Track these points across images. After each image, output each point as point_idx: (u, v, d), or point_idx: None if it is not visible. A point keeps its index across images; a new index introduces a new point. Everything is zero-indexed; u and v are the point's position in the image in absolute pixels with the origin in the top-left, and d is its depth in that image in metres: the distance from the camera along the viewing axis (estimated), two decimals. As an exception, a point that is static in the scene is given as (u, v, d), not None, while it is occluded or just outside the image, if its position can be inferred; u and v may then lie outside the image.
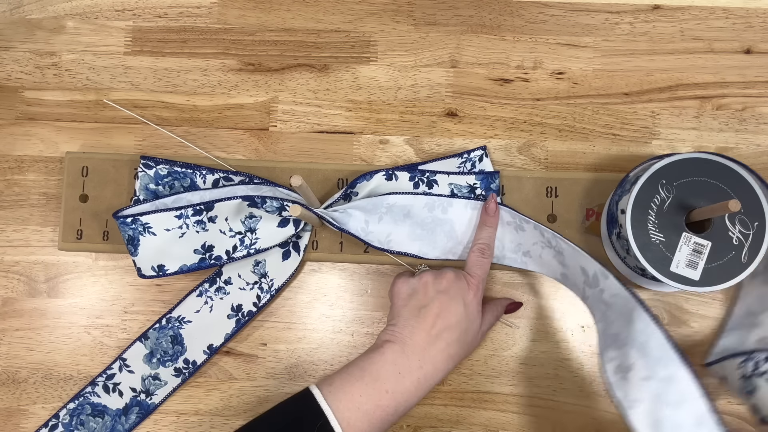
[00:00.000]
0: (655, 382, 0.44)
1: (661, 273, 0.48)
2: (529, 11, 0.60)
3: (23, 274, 0.58)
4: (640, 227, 0.48)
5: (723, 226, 0.48)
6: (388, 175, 0.56)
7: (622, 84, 0.59)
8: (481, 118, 0.59)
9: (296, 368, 0.57)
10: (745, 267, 0.47)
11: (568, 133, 0.59)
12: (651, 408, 0.44)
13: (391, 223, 0.55)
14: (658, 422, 0.44)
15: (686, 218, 0.48)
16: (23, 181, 0.60)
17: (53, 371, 0.57)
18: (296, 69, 0.60)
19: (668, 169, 0.49)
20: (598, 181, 0.57)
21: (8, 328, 0.58)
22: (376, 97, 0.60)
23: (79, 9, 0.61)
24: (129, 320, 0.58)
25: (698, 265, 0.48)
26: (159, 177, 0.57)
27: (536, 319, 0.57)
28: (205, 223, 0.54)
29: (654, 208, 0.48)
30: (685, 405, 0.44)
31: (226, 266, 0.57)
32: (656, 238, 0.48)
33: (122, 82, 0.60)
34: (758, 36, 0.59)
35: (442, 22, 0.60)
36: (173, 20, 0.61)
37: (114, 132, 0.60)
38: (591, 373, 0.56)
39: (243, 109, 0.60)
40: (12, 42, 0.61)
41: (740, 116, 0.58)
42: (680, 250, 0.48)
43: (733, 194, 0.48)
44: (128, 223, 0.53)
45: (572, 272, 0.52)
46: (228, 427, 0.56)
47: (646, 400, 0.44)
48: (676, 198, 0.48)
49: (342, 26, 0.61)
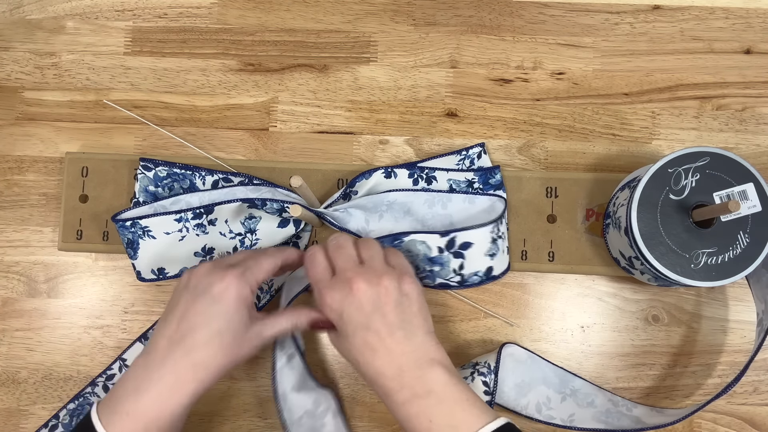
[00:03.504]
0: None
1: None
2: (529, 11, 0.60)
3: (23, 275, 0.59)
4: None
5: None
6: (387, 172, 0.56)
7: (622, 84, 0.59)
8: (481, 118, 0.59)
9: (296, 368, 0.57)
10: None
11: (568, 133, 0.59)
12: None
13: (391, 220, 0.55)
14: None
15: (691, 215, 0.48)
16: (23, 181, 0.60)
17: (53, 371, 0.57)
18: (296, 69, 0.60)
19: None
20: (598, 181, 0.57)
21: (8, 329, 0.58)
22: (376, 98, 0.60)
23: (79, 9, 0.61)
24: (129, 320, 0.58)
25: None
26: (158, 179, 0.57)
27: (536, 319, 0.57)
28: (205, 226, 0.54)
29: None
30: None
31: None
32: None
33: (122, 82, 0.60)
34: (758, 36, 0.59)
35: (442, 22, 0.60)
36: (173, 20, 0.61)
37: (114, 132, 0.60)
38: (591, 372, 0.56)
39: (243, 110, 0.60)
40: (12, 42, 0.61)
41: (740, 116, 0.58)
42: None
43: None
44: (127, 227, 0.53)
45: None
46: (228, 427, 0.56)
47: None
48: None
49: (342, 26, 0.61)
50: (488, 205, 0.55)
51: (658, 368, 0.56)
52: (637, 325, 0.56)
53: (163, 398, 0.43)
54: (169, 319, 0.45)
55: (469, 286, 0.52)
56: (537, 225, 0.57)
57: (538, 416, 0.54)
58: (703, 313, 0.56)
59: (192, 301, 0.45)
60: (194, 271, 0.46)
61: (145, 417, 0.43)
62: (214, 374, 0.45)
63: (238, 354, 0.45)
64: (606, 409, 0.54)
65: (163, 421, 0.43)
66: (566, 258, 0.56)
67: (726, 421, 0.55)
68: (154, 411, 0.43)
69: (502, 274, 0.54)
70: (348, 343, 0.46)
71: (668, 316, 0.56)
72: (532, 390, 0.54)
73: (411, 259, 0.51)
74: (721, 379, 0.55)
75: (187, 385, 0.44)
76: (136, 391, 0.44)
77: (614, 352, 0.56)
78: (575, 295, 0.57)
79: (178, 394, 0.44)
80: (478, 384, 0.52)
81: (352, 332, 0.45)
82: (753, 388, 0.55)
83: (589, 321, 0.57)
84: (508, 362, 0.55)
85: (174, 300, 0.47)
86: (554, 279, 0.57)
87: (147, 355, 0.45)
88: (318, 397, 0.53)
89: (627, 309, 0.57)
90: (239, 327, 0.45)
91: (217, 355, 0.44)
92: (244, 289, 0.45)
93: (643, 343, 0.56)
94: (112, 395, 0.45)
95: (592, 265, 0.56)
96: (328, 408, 0.53)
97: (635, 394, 0.56)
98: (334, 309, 0.46)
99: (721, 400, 0.55)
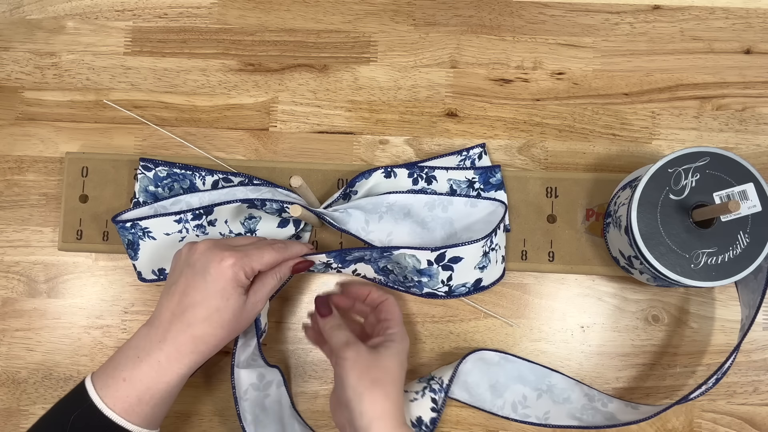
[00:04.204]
0: None
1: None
2: (529, 11, 0.60)
3: (23, 275, 0.58)
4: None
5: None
6: (387, 172, 0.56)
7: (622, 84, 0.59)
8: (481, 118, 0.59)
9: (296, 368, 0.57)
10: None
11: (568, 133, 0.59)
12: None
13: (391, 222, 0.55)
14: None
15: (691, 215, 0.48)
16: (23, 181, 0.60)
17: (53, 371, 0.57)
18: (296, 69, 0.60)
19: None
20: (598, 181, 0.57)
21: (8, 329, 0.58)
22: (376, 98, 0.60)
23: (79, 9, 0.61)
24: (129, 320, 0.58)
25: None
26: (158, 179, 0.57)
27: (536, 319, 0.57)
28: (205, 227, 0.54)
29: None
30: None
31: None
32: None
33: (122, 82, 0.60)
34: (758, 36, 0.59)
35: (442, 22, 0.60)
36: (173, 20, 0.61)
37: (114, 132, 0.60)
38: (591, 372, 0.56)
39: (243, 110, 0.60)
40: (12, 42, 0.61)
41: (740, 116, 0.58)
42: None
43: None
44: (127, 228, 0.53)
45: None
46: (228, 427, 0.56)
47: None
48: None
49: (342, 26, 0.61)
50: (489, 210, 0.55)
51: (658, 368, 0.56)
52: (637, 325, 0.56)
53: (162, 366, 0.45)
54: (171, 291, 0.47)
55: (457, 296, 0.53)
56: (537, 225, 0.57)
57: (514, 415, 0.54)
58: (703, 313, 0.56)
59: (191, 277, 0.46)
60: (195, 247, 0.47)
61: (141, 384, 0.45)
62: (213, 347, 0.46)
63: (236, 328, 0.47)
64: (582, 405, 0.54)
65: (157, 390, 0.45)
66: (566, 258, 0.56)
67: (726, 421, 0.55)
68: (152, 378, 0.45)
69: (492, 284, 0.54)
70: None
71: (668, 316, 0.56)
72: (508, 389, 0.55)
73: (400, 269, 0.51)
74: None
75: (186, 356, 0.45)
76: (136, 359, 0.45)
77: (614, 352, 0.56)
78: (575, 295, 0.57)
79: (178, 365, 0.45)
80: (427, 401, 0.53)
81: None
82: (753, 388, 0.55)
83: (589, 321, 0.57)
84: (479, 366, 0.55)
85: (175, 272, 0.48)
86: (554, 279, 0.57)
87: (150, 325, 0.47)
88: (264, 371, 0.54)
89: (627, 309, 0.57)
90: (236, 305, 0.46)
91: (216, 330, 0.46)
92: (239, 273, 0.46)
93: (643, 343, 0.56)
94: (110, 363, 0.46)
95: (592, 265, 0.56)
96: (273, 380, 0.54)
97: (635, 394, 0.56)
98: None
99: (721, 400, 0.55)
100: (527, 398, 0.55)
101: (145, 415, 0.45)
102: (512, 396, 0.55)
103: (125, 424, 0.45)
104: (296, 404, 0.56)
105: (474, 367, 0.55)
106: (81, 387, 0.46)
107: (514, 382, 0.55)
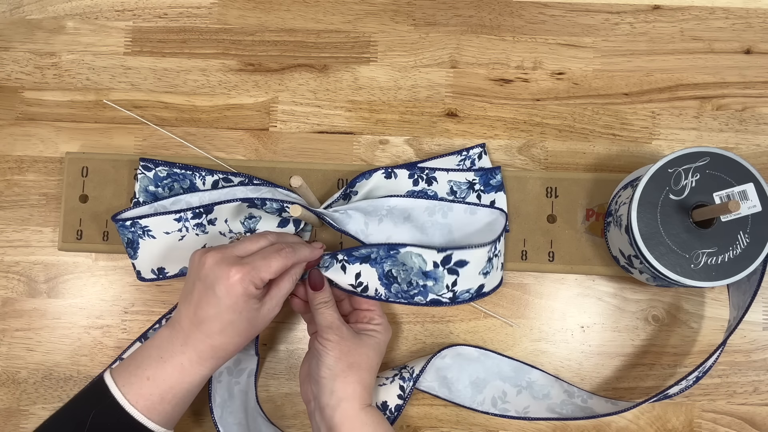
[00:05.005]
0: None
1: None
2: (529, 11, 0.60)
3: (23, 275, 0.59)
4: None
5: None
6: (387, 172, 0.56)
7: (622, 84, 0.59)
8: (481, 118, 0.59)
9: (296, 368, 0.57)
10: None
11: (568, 133, 0.59)
12: None
13: (391, 225, 0.55)
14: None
15: (691, 215, 0.48)
16: (23, 181, 0.60)
17: (53, 371, 0.57)
18: (296, 69, 0.60)
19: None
20: (598, 181, 0.57)
21: (8, 329, 0.58)
22: (376, 98, 0.60)
23: (79, 9, 0.61)
24: (129, 320, 0.58)
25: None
26: (158, 179, 0.57)
27: (536, 319, 0.57)
28: (205, 226, 0.54)
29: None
30: None
31: None
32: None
33: (122, 82, 0.60)
34: (758, 36, 0.59)
35: (442, 22, 0.60)
36: (173, 20, 0.61)
37: (114, 132, 0.60)
38: (591, 372, 0.56)
39: (243, 110, 0.60)
40: (12, 42, 0.61)
41: (740, 116, 0.58)
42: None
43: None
44: (127, 227, 0.53)
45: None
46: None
47: None
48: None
49: (342, 26, 0.61)
50: (490, 219, 0.55)
51: (658, 368, 0.56)
52: (637, 325, 0.56)
53: (184, 368, 0.46)
54: (188, 300, 0.47)
55: (461, 302, 0.53)
56: (537, 225, 0.57)
57: (493, 410, 0.55)
58: (703, 313, 0.56)
59: (204, 292, 0.46)
60: (203, 259, 0.47)
61: (164, 383, 0.46)
62: (231, 353, 0.48)
63: (254, 333, 0.48)
64: (561, 400, 0.55)
65: (180, 389, 0.46)
66: (566, 258, 0.56)
67: (726, 421, 0.55)
68: (175, 378, 0.46)
69: (492, 290, 0.54)
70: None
71: (668, 316, 0.56)
72: (488, 385, 0.55)
73: (405, 272, 0.51)
74: (721, 379, 0.55)
75: (207, 360, 0.47)
76: (159, 359, 0.46)
77: (614, 352, 0.56)
78: (575, 295, 0.57)
79: (200, 368, 0.47)
80: (395, 387, 0.53)
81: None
82: (753, 388, 0.55)
83: (589, 321, 0.57)
84: (458, 362, 0.56)
85: (189, 283, 0.48)
86: (554, 279, 0.57)
87: (172, 328, 0.47)
88: (241, 356, 0.55)
89: (627, 309, 0.57)
90: (250, 315, 0.46)
91: (233, 339, 0.47)
92: (248, 287, 0.45)
93: (643, 343, 0.56)
94: (131, 362, 0.47)
95: (592, 265, 0.56)
96: (246, 368, 0.56)
97: (635, 394, 0.56)
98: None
99: (721, 400, 0.55)
100: (507, 394, 0.55)
101: (165, 413, 0.46)
102: (492, 392, 0.55)
103: (146, 422, 0.45)
104: (290, 404, 0.56)
105: (453, 363, 0.56)
106: (101, 384, 0.46)
107: (494, 378, 0.56)
